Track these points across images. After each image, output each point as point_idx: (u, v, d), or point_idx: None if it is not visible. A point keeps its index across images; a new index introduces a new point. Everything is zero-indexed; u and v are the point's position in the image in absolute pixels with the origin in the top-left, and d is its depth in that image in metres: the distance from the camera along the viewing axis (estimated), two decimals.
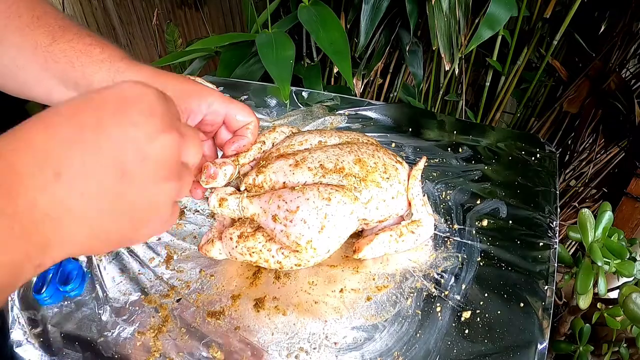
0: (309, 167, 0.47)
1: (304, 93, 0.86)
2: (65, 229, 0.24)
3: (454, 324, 0.44)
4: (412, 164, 0.54)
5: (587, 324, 0.61)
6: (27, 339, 0.45)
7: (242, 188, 0.48)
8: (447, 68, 0.87)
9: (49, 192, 0.23)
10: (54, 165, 0.23)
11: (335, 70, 1.04)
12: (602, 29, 0.86)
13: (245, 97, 0.86)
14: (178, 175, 0.29)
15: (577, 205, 1.05)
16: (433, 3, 0.78)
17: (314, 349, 0.43)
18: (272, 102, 0.84)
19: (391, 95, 1.12)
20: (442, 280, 0.48)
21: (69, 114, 0.25)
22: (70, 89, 0.41)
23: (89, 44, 0.41)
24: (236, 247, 0.46)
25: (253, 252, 0.46)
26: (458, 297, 0.46)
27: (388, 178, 0.49)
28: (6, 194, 0.21)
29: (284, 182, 0.47)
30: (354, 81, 1.04)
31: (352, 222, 0.46)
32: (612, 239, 0.56)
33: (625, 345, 0.61)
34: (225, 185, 0.47)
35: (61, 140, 0.23)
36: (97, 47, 0.41)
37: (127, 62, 0.41)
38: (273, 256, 0.45)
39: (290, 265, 0.46)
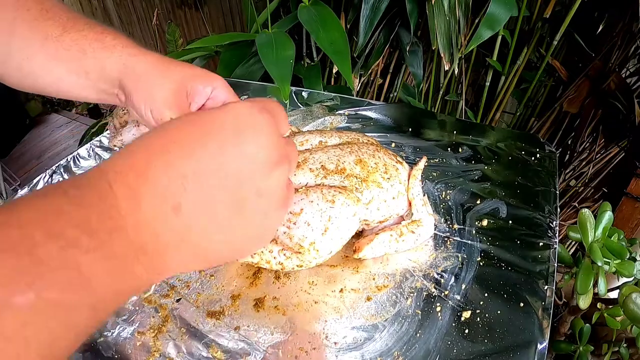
0: (310, 168, 0.47)
1: (304, 93, 0.86)
2: (179, 257, 0.25)
3: (454, 324, 0.44)
4: (412, 164, 0.54)
5: (587, 324, 0.61)
6: None
7: None
8: (446, 68, 0.87)
9: (169, 226, 0.23)
10: (173, 199, 0.23)
11: (335, 70, 1.04)
12: (600, 29, 0.86)
13: (246, 96, 0.86)
14: (286, 201, 0.29)
15: (577, 205, 1.05)
16: (433, 3, 0.79)
17: (314, 348, 0.43)
18: None
19: (391, 95, 1.12)
20: (442, 280, 0.48)
21: (184, 143, 0.25)
22: (82, 78, 0.41)
23: (100, 32, 0.41)
24: None
25: (254, 254, 0.46)
26: (458, 297, 0.46)
27: (389, 178, 0.49)
28: (134, 226, 0.22)
29: None
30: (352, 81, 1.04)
31: (355, 223, 0.46)
32: (612, 239, 0.56)
33: (625, 345, 0.61)
34: None
35: (180, 174, 0.24)
36: (109, 35, 0.41)
37: (137, 48, 0.41)
38: (275, 257, 0.45)
39: (292, 266, 0.46)
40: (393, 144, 0.70)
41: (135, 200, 0.23)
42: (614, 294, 0.59)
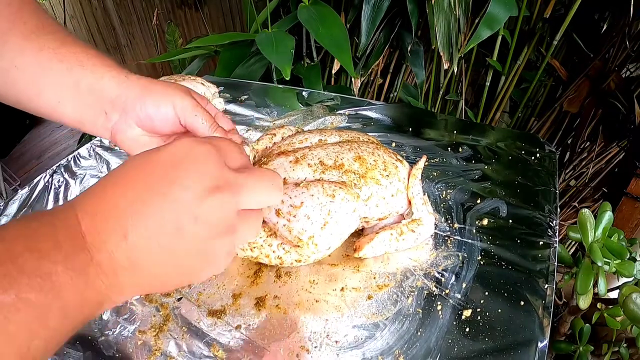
0: (308, 164, 0.48)
1: (304, 93, 0.86)
2: (133, 277, 0.28)
3: (454, 323, 0.44)
4: (412, 163, 0.54)
5: (587, 324, 0.61)
6: None
7: None
8: (445, 67, 0.87)
9: (121, 249, 0.27)
10: (123, 227, 0.27)
11: (335, 70, 1.04)
12: (603, 29, 0.86)
13: (246, 97, 0.86)
14: (232, 229, 0.31)
15: (577, 205, 1.05)
16: (433, 2, 0.79)
17: (315, 347, 0.43)
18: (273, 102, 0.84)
19: (391, 95, 1.12)
20: (443, 279, 0.48)
21: (133, 177, 0.29)
22: (66, 91, 0.41)
23: (97, 52, 0.42)
24: None
25: (254, 247, 0.46)
26: (459, 296, 0.46)
27: (388, 175, 0.49)
28: (92, 246, 0.27)
29: (285, 178, 0.47)
30: (353, 80, 1.04)
31: (354, 219, 0.46)
32: (612, 239, 0.56)
33: (625, 345, 0.61)
34: None
35: (128, 204, 0.28)
36: (105, 56, 0.43)
37: (128, 73, 0.43)
38: (274, 251, 0.46)
39: (291, 261, 0.46)
40: (393, 144, 0.70)
41: (94, 227, 0.27)
42: (614, 294, 0.59)
